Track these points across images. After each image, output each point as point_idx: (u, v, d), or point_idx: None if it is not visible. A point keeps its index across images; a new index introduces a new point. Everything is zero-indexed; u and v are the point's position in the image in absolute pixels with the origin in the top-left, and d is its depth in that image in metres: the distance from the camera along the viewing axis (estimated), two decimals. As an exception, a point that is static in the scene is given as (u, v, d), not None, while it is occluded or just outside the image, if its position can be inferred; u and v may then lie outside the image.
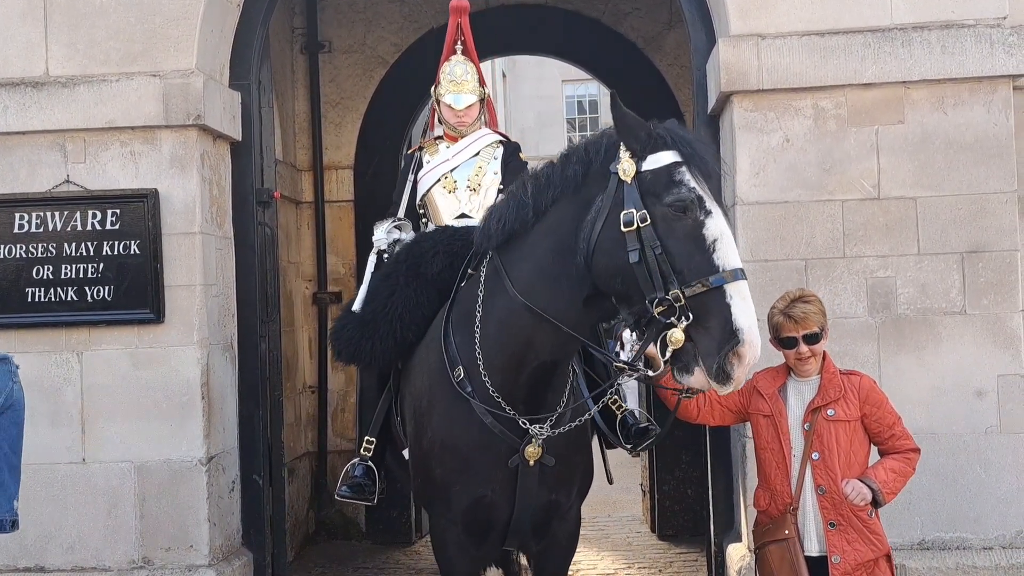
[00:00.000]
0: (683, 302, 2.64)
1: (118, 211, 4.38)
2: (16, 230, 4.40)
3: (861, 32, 4.23)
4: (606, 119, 24.44)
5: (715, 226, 2.71)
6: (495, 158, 3.93)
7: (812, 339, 3.24)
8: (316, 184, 6.95)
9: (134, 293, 4.37)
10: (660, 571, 5.91)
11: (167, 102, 4.38)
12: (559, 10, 6.88)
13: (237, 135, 4.74)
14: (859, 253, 4.23)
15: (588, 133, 24.25)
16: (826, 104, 4.25)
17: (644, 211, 2.73)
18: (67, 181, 4.43)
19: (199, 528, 4.37)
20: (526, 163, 3.99)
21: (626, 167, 2.79)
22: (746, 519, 4.28)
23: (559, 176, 2.96)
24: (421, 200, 3.95)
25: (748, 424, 4.18)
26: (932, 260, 4.21)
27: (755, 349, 2.63)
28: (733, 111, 4.30)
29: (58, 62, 4.47)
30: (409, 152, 4.11)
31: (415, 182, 3.92)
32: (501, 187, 3.88)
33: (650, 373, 2.84)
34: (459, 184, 3.89)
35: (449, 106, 3.90)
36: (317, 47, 6.92)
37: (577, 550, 3.63)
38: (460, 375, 3.13)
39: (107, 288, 4.35)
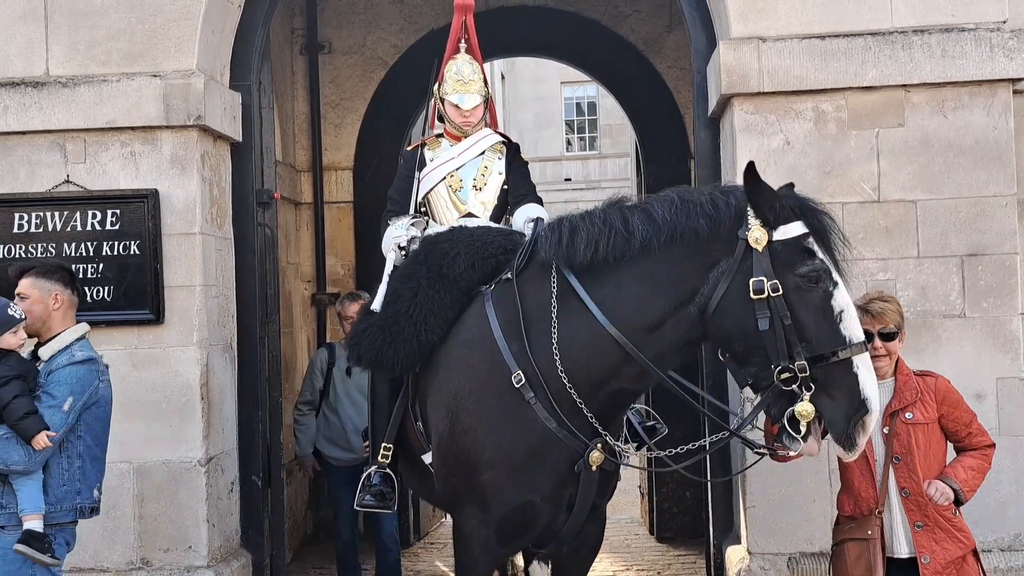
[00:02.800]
0: (807, 373, 2.79)
1: (118, 211, 4.38)
2: (16, 230, 4.40)
3: (862, 35, 4.23)
4: (604, 121, 24.46)
5: (842, 298, 2.86)
6: (499, 158, 3.91)
7: (888, 337, 3.25)
8: (315, 185, 6.96)
9: (134, 293, 4.37)
10: (659, 573, 5.91)
11: (168, 102, 4.38)
12: (559, 12, 6.89)
13: (237, 136, 4.74)
14: (859, 256, 4.19)
15: (586, 135, 24.38)
16: (827, 107, 4.26)
17: (775, 280, 2.85)
18: (67, 181, 4.43)
19: (198, 529, 4.37)
20: (526, 163, 3.98)
21: (758, 235, 2.90)
22: (745, 521, 4.29)
23: (682, 224, 2.99)
24: (424, 198, 3.91)
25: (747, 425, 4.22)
26: (932, 263, 4.22)
27: (876, 416, 2.86)
28: (734, 113, 4.30)
29: (59, 62, 4.46)
30: (410, 149, 4.06)
31: (419, 180, 3.88)
32: (505, 186, 3.88)
33: (791, 454, 2.93)
34: (464, 183, 3.86)
35: (456, 106, 3.87)
36: (317, 48, 6.92)
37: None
38: (521, 380, 3.12)
39: (107, 288, 4.35)
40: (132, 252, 4.37)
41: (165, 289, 4.39)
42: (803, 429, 2.81)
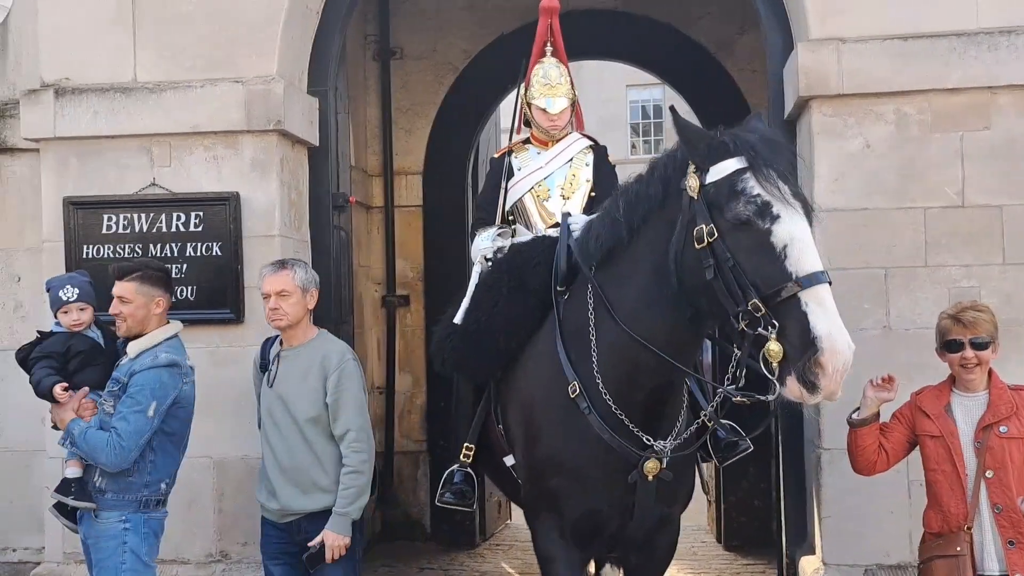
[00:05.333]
0: (762, 311, 2.59)
1: (201, 213, 4.49)
2: (104, 231, 4.54)
3: (945, 36, 4.14)
4: (670, 124, 24.16)
5: (783, 231, 2.62)
6: (587, 164, 3.90)
7: (980, 346, 3.17)
8: (386, 189, 7.05)
9: (215, 294, 4.47)
10: (727, 581, 5.86)
11: (249, 108, 4.48)
12: (628, 15, 6.87)
13: (315, 140, 4.83)
14: (942, 262, 4.14)
15: (652, 138, 24.20)
16: (909, 109, 4.17)
17: (711, 225, 2.68)
18: (153, 184, 4.56)
19: (274, 525, 4.44)
20: (613, 167, 3.98)
21: (692, 182, 2.76)
22: (820, 531, 4.22)
23: (644, 193, 2.95)
24: (511, 207, 3.93)
25: (821, 434, 4.15)
26: (1018, 270, 4.10)
27: (838, 356, 2.52)
28: (812, 116, 4.24)
29: (145, 68, 4.60)
30: (497, 156, 4.08)
31: (506, 190, 3.90)
32: (593, 193, 3.87)
33: (761, 397, 2.80)
34: (552, 192, 3.87)
35: (543, 110, 3.87)
36: (389, 54, 7.02)
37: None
38: (576, 391, 3.14)
39: (190, 288, 4.46)
40: (214, 253, 4.47)
41: (245, 290, 4.49)
42: (775, 369, 2.58)
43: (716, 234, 2.67)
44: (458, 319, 3.61)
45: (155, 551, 3.53)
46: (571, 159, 3.89)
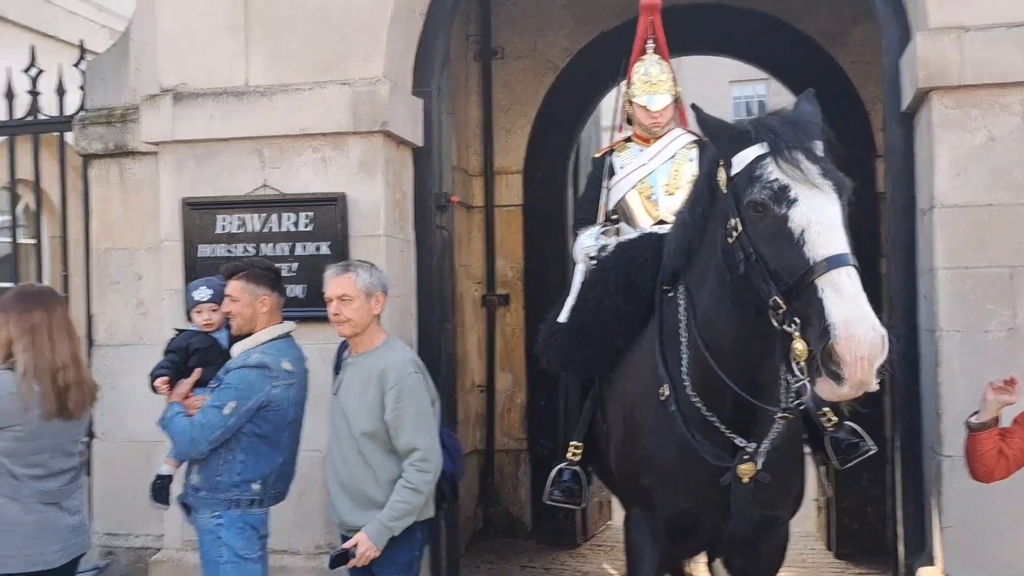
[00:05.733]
0: (784, 308, 2.46)
1: (311, 214, 4.59)
2: (218, 231, 4.69)
3: (1078, 21, 3.90)
4: (772, 121, 23.77)
5: (800, 215, 2.47)
6: (691, 160, 3.85)
7: None
8: (486, 189, 7.09)
9: (324, 292, 4.56)
10: (838, 590, 5.67)
11: (355, 109, 4.56)
12: (733, 8, 6.71)
13: (419, 141, 4.89)
14: (1073, 263, 3.91)
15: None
16: (1037, 100, 3.95)
17: (736, 218, 2.60)
18: (264, 185, 4.69)
19: (380, 519, 4.52)
20: None
21: (721, 176, 2.69)
22: (941, 542, 4.03)
23: (696, 192, 2.93)
24: (615, 206, 3.90)
25: (942, 440, 3.97)
26: None
27: (855, 343, 2.30)
28: (932, 109, 4.06)
29: (257, 72, 4.73)
30: (598, 156, 4.06)
31: (608, 189, 3.87)
32: None
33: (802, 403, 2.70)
34: (656, 189, 3.83)
35: (644, 107, 3.84)
36: (491, 54, 7.05)
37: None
38: (665, 393, 3.11)
39: (300, 287, 4.57)
40: (323, 252, 4.57)
41: (352, 288, 4.57)
42: (803, 369, 2.41)
43: (741, 227, 2.58)
44: (563, 318, 3.61)
45: (255, 544, 3.58)
46: (674, 155, 3.83)
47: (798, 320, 2.43)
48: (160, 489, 3.77)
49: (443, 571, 4.88)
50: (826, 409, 3.34)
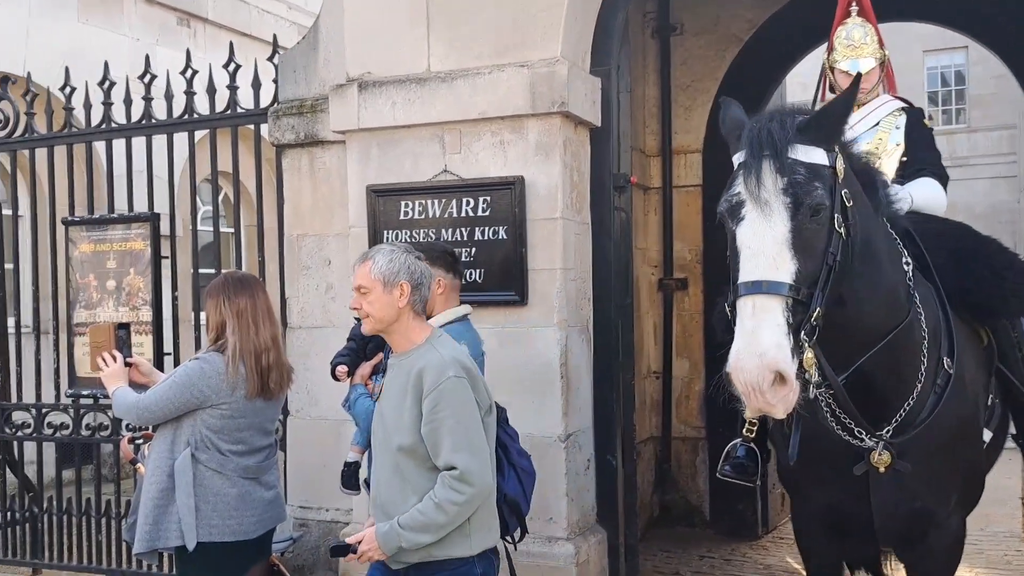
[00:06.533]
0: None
1: (488, 198, 4.61)
2: (402, 216, 4.80)
3: None
4: (973, 91, 21.95)
5: (742, 235, 2.48)
6: (896, 127, 3.61)
7: None
8: (664, 169, 6.92)
9: (501, 276, 4.59)
10: (1050, 598, 5.19)
11: (534, 91, 4.53)
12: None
13: (597, 121, 4.81)
14: None
15: (952, 108, 22.03)
16: None
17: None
18: (445, 171, 4.75)
19: (559, 502, 4.52)
20: (930, 130, 3.63)
21: None
22: None
23: None
24: None
25: None
26: None
27: (739, 373, 2.36)
28: None
29: (438, 58, 4.80)
30: None
31: None
32: (904, 158, 3.57)
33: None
34: None
35: (846, 72, 3.63)
36: (669, 30, 6.87)
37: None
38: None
39: (479, 271, 4.62)
40: (500, 237, 4.59)
41: (528, 272, 4.57)
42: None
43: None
44: None
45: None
46: (878, 122, 3.58)
47: None
48: (349, 476, 3.91)
49: (621, 556, 4.82)
50: None
